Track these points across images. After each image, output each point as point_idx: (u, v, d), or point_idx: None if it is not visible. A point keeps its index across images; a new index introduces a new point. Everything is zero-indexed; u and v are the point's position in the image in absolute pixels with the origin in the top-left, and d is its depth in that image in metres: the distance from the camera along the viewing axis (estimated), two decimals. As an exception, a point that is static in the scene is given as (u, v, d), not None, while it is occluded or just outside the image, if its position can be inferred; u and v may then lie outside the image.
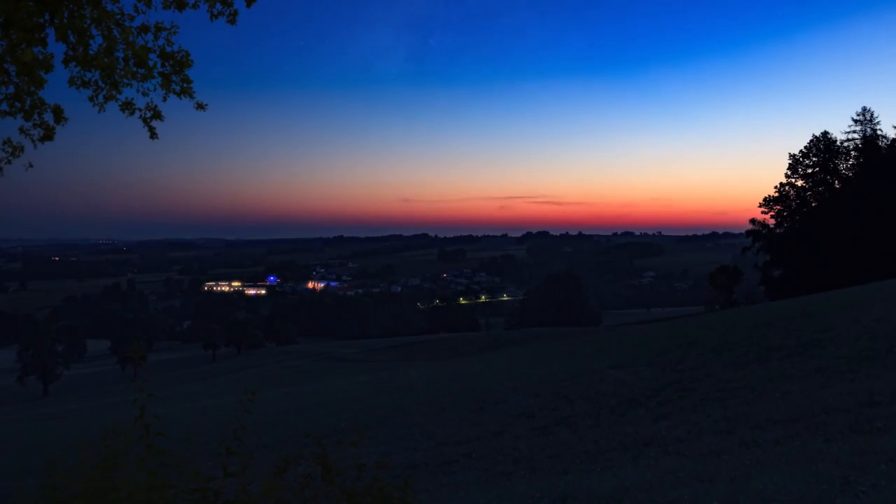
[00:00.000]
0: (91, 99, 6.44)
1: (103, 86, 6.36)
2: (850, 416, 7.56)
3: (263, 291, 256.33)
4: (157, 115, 6.45)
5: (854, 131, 61.89)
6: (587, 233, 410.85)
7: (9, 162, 7.02)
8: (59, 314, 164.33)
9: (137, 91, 6.31)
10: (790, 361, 12.48)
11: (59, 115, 6.78)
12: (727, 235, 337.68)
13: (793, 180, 62.75)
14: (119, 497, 4.80)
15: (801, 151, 62.48)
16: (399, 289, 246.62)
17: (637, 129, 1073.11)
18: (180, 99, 6.29)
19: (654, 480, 6.01)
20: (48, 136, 6.90)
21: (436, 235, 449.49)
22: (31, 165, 7.25)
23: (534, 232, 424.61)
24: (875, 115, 61.75)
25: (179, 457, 4.95)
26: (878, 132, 61.05)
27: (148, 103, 6.38)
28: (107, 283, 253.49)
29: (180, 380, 67.37)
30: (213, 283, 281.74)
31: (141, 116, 6.42)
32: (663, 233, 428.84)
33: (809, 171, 62.10)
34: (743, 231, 70.01)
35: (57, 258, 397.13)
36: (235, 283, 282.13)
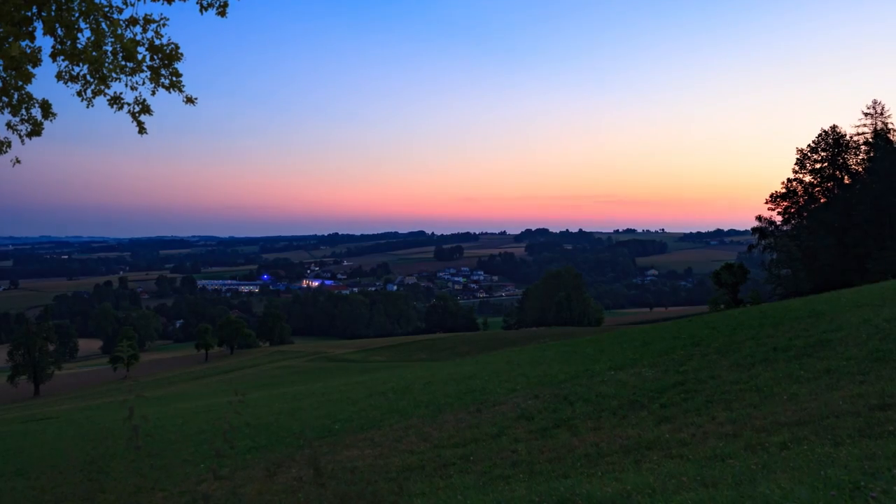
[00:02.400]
0: (79, 94, 6.32)
1: (92, 80, 6.24)
2: (859, 420, 7.47)
3: (257, 290, 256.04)
4: (146, 110, 6.33)
5: (864, 125, 61.29)
6: (588, 230, 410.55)
7: (-4, 158, 6.90)
8: (51, 313, 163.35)
9: (126, 85, 6.20)
10: (798, 363, 12.35)
11: (46, 110, 6.66)
12: (732, 233, 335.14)
13: (800, 176, 62.00)
14: (107, 499, 4.69)
15: (809, 146, 61.64)
16: (395, 287, 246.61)
17: (637, 123, 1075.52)
18: (169, 93, 6.19)
19: (656, 485, 5.90)
20: (36, 131, 6.77)
21: (432, 233, 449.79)
22: (18, 161, 7.11)
23: (533, 229, 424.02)
24: (886, 108, 61.31)
25: (169, 459, 4.83)
26: (889, 125, 60.57)
27: (136, 98, 6.27)
28: (98, 281, 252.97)
29: (172, 380, 67.09)
30: (206, 282, 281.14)
31: (129, 111, 6.30)
32: (666, 230, 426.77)
33: (818, 165, 61.33)
34: (749, 229, 69.59)
35: (48, 256, 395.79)
36: (228, 282, 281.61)
